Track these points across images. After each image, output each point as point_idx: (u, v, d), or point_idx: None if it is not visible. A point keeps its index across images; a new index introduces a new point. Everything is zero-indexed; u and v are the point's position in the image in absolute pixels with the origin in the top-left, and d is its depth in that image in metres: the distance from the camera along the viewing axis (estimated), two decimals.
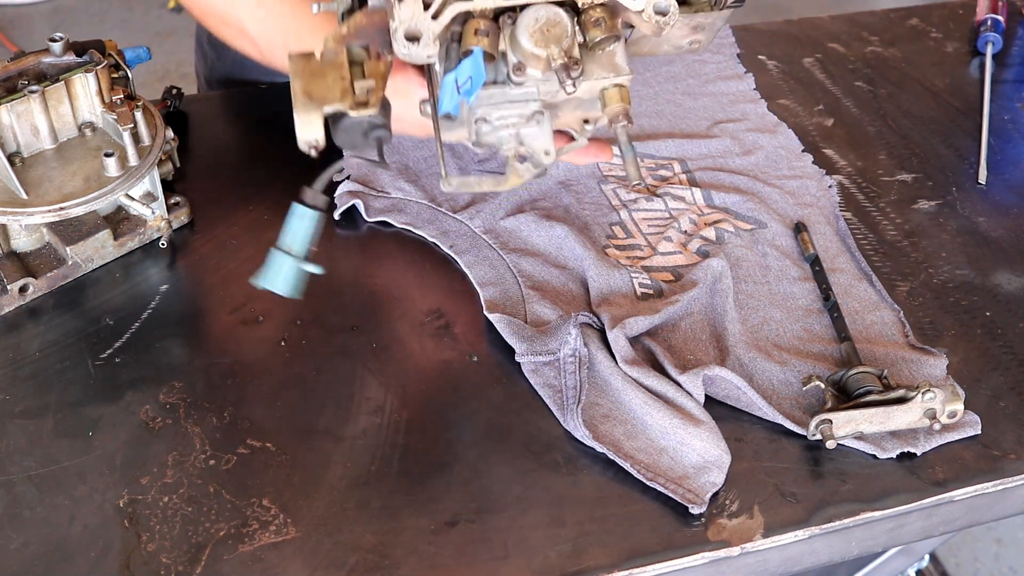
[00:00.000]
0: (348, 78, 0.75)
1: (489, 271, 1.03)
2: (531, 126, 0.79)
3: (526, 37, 0.74)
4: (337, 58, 0.76)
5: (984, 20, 1.38)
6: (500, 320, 0.97)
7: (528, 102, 0.78)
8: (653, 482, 0.86)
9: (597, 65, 0.78)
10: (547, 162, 0.80)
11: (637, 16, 0.77)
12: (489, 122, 0.78)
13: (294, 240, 0.75)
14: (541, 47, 0.74)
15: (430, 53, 0.75)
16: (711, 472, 0.86)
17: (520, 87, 0.77)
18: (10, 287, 0.99)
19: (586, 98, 0.79)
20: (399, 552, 0.82)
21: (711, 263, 1.02)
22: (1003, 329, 1.01)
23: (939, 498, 0.88)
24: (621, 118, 0.77)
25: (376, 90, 0.75)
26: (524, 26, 0.74)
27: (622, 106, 0.77)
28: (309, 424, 0.91)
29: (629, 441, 0.89)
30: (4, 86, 1.02)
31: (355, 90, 0.74)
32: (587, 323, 0.96)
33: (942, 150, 1.23)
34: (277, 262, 0.75)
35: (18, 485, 0.86)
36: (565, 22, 0.75)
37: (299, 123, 0.73)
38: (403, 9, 0.74)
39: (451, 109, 0.75)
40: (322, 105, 0.73)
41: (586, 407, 0.91)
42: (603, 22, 0.76)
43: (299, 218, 0.76)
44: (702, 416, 0.89)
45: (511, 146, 0.80)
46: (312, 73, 0.75)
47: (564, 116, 0.82)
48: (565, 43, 0.74)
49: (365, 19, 0.79)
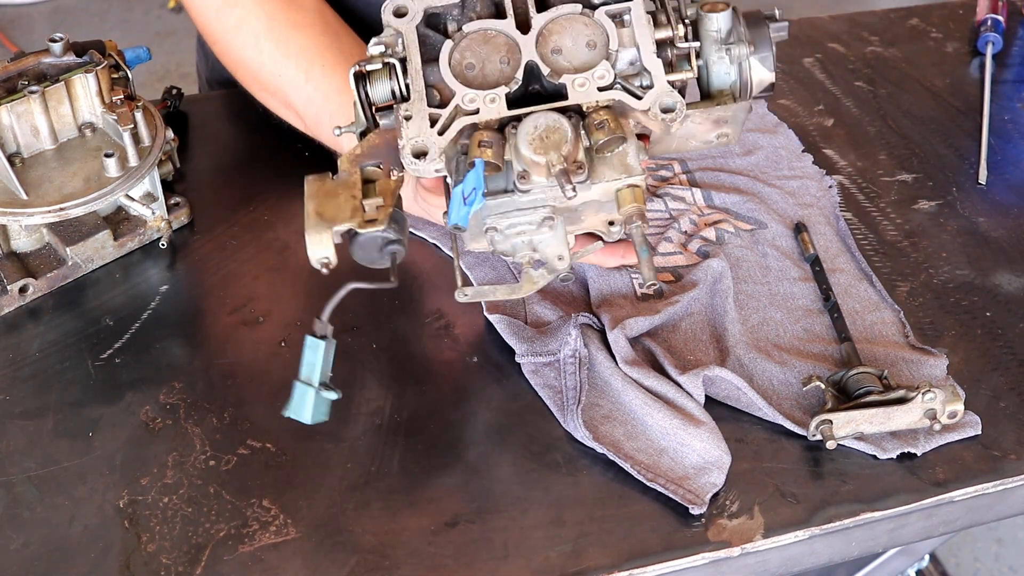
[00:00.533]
0: (359, 197, 0.77)
1: (489, 272, 1.03)
2: (543, 232, 0.79)
3: (525, 145, 0.75)
4: (350, 178, 0.78)
5: (984, 20, 1.38)
6: (500, 321, 0.97)
7: (536, 209, 0.78)
8: (653, 483, 0.86)
9: (608, 167, 0.77)
10: (560, 267, 0.80)
11: (644, 115, 0.78)
12: (500, 231, 0.79)
13: (311, 371, 0.78)
14: (540, 154, 0.74)
15: (437, 167, 0.76)
16: (711, 473, 0.86)
17: (527, 195, 0.77)
18: (10, 287, 0.99)
19: (604, 200, 0.79)
20: (399, 552, 0.82)
21: (711, 263, 1.02)
22: (1003, 329, 1.01)
23: (939, 498, 0.88)
24: (635, 218, 0.77)
25: (385, 207, 0.76)
26: (523, 134, 0.75)
27: (636, 207, 0.77)
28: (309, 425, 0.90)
29: (629, 442, 0.89)
30: (4, 86, 1.02)
31: (364, 208, 0.76)
32: (587, 324, 0.96)
33: (942, 150, 1.23)
34: (299, 393, 0.79)
35: (18, 485, 0.86)
36: (564, 128, 0.75)
37: (310, 242, 0.76)
38: (411, 127, 0.77)
39: (459, 221, 0.76)
40: (332, 224, 0.75)
41: (586, 408, 0.91)
42: (606, 124, 0.76)
43: (312, 349, 0.78)
44: (702, 417, 0.89)
45: (524, 253, 0.80)
46: (326, 194, 0.77)
47: (588, 219, 0.82)
48: (565, 149, 0.74)
49: (378, 139, 0.81)
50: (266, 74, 1.05)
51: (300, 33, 1.03)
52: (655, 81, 0.79)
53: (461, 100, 0.78)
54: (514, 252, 0.80)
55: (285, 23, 1.03)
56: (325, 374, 0.78)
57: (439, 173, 0.77)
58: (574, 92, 0.78)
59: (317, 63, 1.01)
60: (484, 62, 0.80)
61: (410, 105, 0.78)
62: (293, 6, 1.04)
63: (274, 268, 1.05)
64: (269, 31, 1.03)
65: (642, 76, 0.80)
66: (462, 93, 0.78)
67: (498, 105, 0.77)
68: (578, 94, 0.78)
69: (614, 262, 0.98)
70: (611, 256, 0.97)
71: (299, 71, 1.02)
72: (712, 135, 0.85)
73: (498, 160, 0.75)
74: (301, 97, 1.02)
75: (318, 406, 0.79)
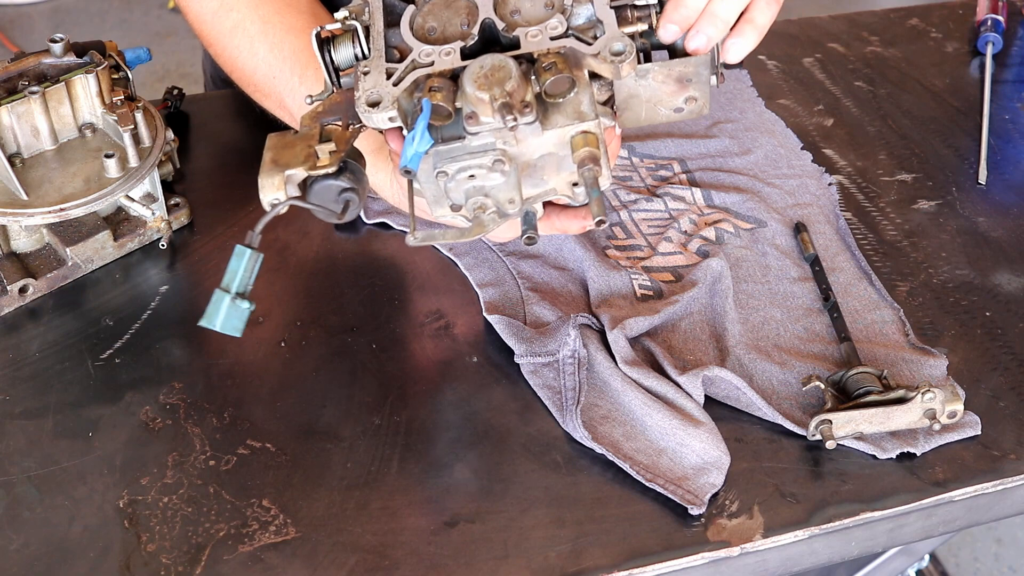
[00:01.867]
0: (315, 146, 0.78)
1: (489, 273, 1.03)
2: (495, 177, 0.79)
3: (470, 84, 0.75)
4: (310, 132, 0.80)
5: (984, 20, 1.38)
6: (499, 321, 0.97)
7: (487, 152, 0.78)
8: (652, 483, 0.86)
9: (560, 114, 0.78)
10: (511, 211, 0.80)
11: (595, 60, 0.78)
12: (450, 175, 0.79)
13: (232, 279, 0.77)
14: (484, 90, 0.75)
15: (391, 115, 0.77)
16: (710, 473, 0.86)
17: (476, 137, 0.78)
18: (10, 288, 0.99)
19: (561, 153, 0.79)
20: (399, 552, 0.82)
21: (711, 263, 1.02)
22: (1003, 329, 1.01)
23: (939, 498, 0.88)
24: (587, 162, 0.77)
25: (337, 152, 0.77)
26: (469, 73, 0.76)
27: (588, 151, 0.77)
28: (309, 425, 0.91)
29: (628, 442, 0.89)
30: (4, 87, 1.02)
31: (317, 154, 0.77)
32: (586, 324, 0.96)
33: (942, 150, 1.23)
34: (214, 300, 0.77)
35: (18, 486, 0.86)
36: (509, 66, 0.75)
37: (262, 185, 0.77)
38: (367, 80, 0.79)
39: (409, 163, 0.76)
40: (284, 169, 0.77)
41: (585, 408, 0.91)
42: (554, 66, 0.76)
43: (236, 257, 0.77)
44: (702, 417, 0.89)
45: (476, 199, 0.80)
46: (284, 145, 0.79)
47: (551, 180, 0.82)
48: (509, 85, 0.75)
49: (339, 97, 0.83)
50: (261, 77, 1.05)
51: (295, 36, 1.03)
52: (607, 29, 0.79)
53: (418, 55, 0.79)
54: (465, 200, 0.80)
55: (280, 26, 1.04)
56: (244, 284, 0.77)
57: (393, 123, 0.78)
58: (527, 42, 0.79)
59: (311, 66, 1.01)
60: (445, 25, 0.82)
61: (368, 62, 0.80)
62: (289, 9, 1.05)
63: (274, 268, 1.05)
64: (264, 34, 1.04)
65: (596, 29, 0.81)
66: (419, 48, 0.80)
67: (452, 57, 0.79)
68: (531, 44, 0.79)
69: (577, 227, 0.97)
70: (573, 220, 0.97)
71: (293, 74, 1.02)
72: (680, 99, 0.84)
73: (448, 104, 0.76)
74: (296, 99, 1.03)
75: (230, 315, 0.76)
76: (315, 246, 1.07)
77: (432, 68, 0.78)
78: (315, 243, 1.07)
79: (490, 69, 0.75)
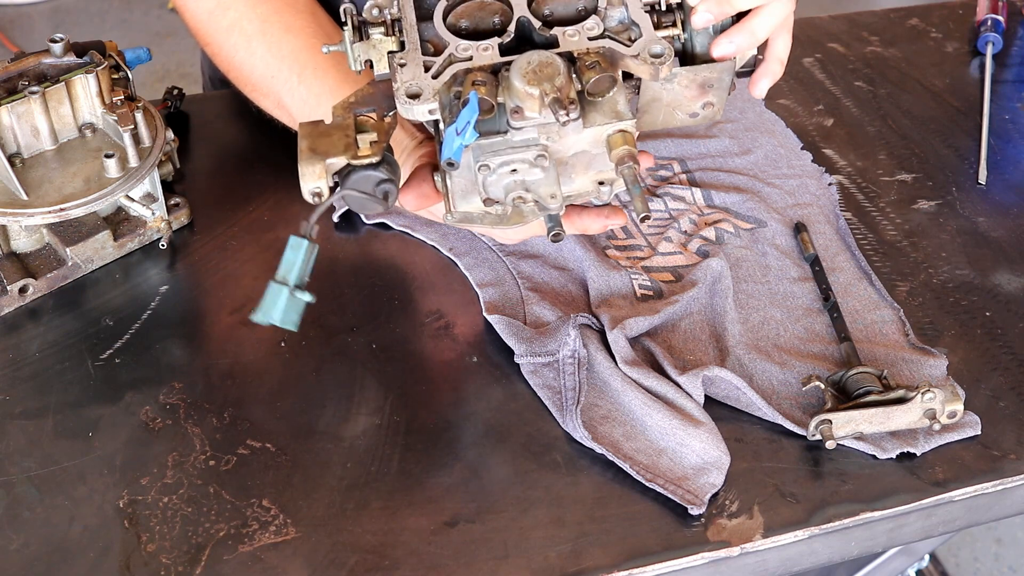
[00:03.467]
0: (353, 136, 0.78)
1: (489, 273, 1.03)
2: (535, 172, 0.79)
3: (519, 78, 0.76)
4: (344, 122, 0.79)
5: (984, 20, 1.38)
6: (499, 322, 0.97)
7: (529, 147, 0.78)
8: (652, 483, 0.86)
9: (599, 113, 0.78)
10: (552, 206, 0.80)
11: (633, 61, 0.79)
12: (491, 169, 0.79)
13: (289, 271, 0.77)
14: (534, 85, 0.75)
15: (431, 108, 0.77)
16: (710, 473, 0.86)
17: (520, 132, 0.78)
18: (10, 288, 0.99)
19: (595, 152, 0.80)
20: (399, 552, 0.82)
21: (711, 263, 1.02)
22: (1003, 329, 1.01)
23: (939, 498, 0.88)
24: (627, 159, 0.77)
25: (379, 142, 0.78)
26: (517, 69, 0.76)
27: (627, 149, 0.77)
28: (309, 425, 0.91)
29: (628, 442, 0.89)
30: (4, 87, 1.02)
31: (358, 143, 0.77)
32: (586, 324, 0.96)
33: (942, 150, 1.23)
34: (272, 294, 0.76)
35: (18, 486, 0.86)
36: (557, 63, 0.76)
37: (303, 174, 0.77)
38: (405, 73, 0.79)
39: (452, 155, 0.76)
40: (325, 158, 0.77)
41: (585, 408, 0.91)
42: (597, 64, 0.77)
43: (293, 249, 0.77)
44: (702, 417, 0.89)
45: (516, 193, 0.80)
46: (319, 134, 0.79)
47: (578, 179, 0.82)
48: (558, 81, 0.75)
49: (371, 88, 0.83)
50: (259, 76, 1.05)
51: (293, 36, 1.03)
52: (644, 32, 0.81)
53: (455, 49, 0.80)
54: (505, 194, 0.80)
55: (278, 26, 1.04)
56: (302, 277, 0.76)
57: (432, 116, 0.78)
58: (565, 41, 0.80)
59: (309, 66, 1.01)
60: (478, 23, 0.82)
61: (405, 54, 0.80)
62: (287, 8, 1.05)
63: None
64: (262, 33, 1.04)
65: (630, 31, 0.81)
66: (456, 43, 0.80)
67: (491, 53, 0.79)
68: (569, 43, 0.80)
69: (597, 226, 0.97)
70: (595, 220, 0.97)
71: (292, 73, 1.02)
72: (698, 104, 0.86)
73: (491, 97, 0.76)
74: (295, 99, 1.03)
75: (289, 308, 0.76)
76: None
77: (471, 63, 0.78)
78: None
79: (538, 65, 0.76)
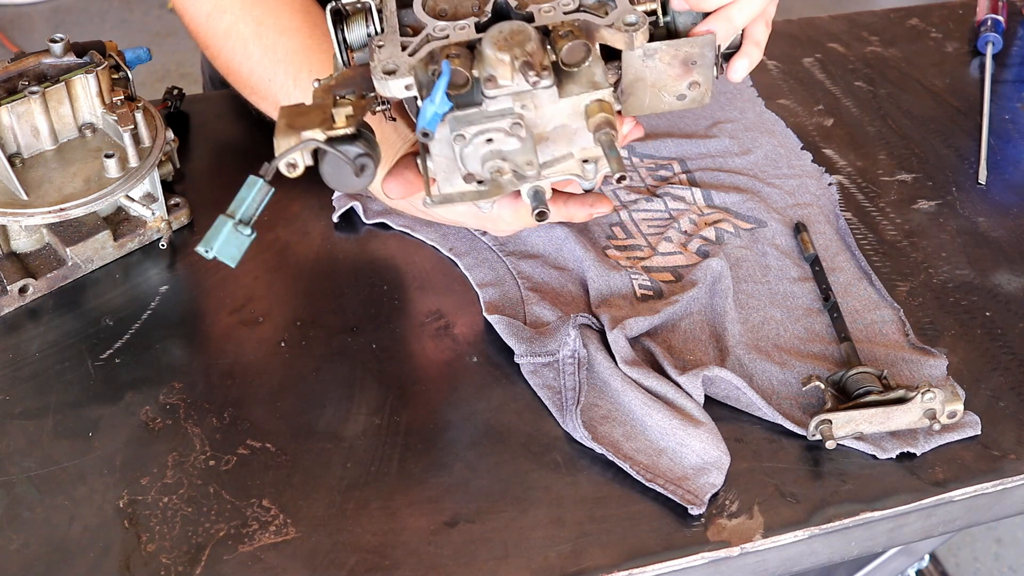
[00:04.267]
0: (329, 112, 0.78)
1: (489, 272, 1.03)
2: (512, 142, 0.80)
3: (490, 46, 0.76)
4: (323, 102, 0.80)
5: (984, 20, 1.38)
6: (499, 322, 0.97)
7: (505, 116, 0.79)
8: (652, 483, 0.86)
9: (575, 83, 0.79)
10: (530, 173, 0.81)
11: (608, 31, 0.79)
12: (467, 139, 0.79)
13: (238, 205, 0.77)
14: (504, 51, 0.76)
15: (407, 82, 0.78)
16: (710, 473, 0.86)
17: (495, 102, 0.78)
18: (10, 288, 0.99)
19: (574, 125, 0.80)
20: (399, 552, 0.82)
21: (711, 263, 1.02)
22: (1003, 329, 1.01)
23: (939, 498, 0.88)
24: (604, 126, 0.78)
25: (354, 116, 0.78)
26: (489, 37, 0.77)
27: (604, 116, 0.78)
28: (309, 425, 0.91)
29: (628, 442, 0.89)
30: (4, 87, 1.02)
31: (333, 118, 0.78)
32: (586, 324, 0.96)
33: (942, 150, 1.23)
34: (217, 223, 0.77)
35: (18, 486, 0.86)
36: (529, 30, 0.77)
37: (278, 146, 0.77)
38: (383, 53, 0.79)
39: (427, 125, 0.76)
40: (300, 131, 0.77)
41: (585, 408, 0.91)
42: (570, 34, 0.77)
43: (247, 187, 0.78)
44: (702, 417, 0.89)
45: (493, 163, 0.81)
46: (298, 113, 0.79)
47: (562, 160, 0.82)
48: (529, 46, 0.76)
49: (352, 72, 0.84)
50: (256, 79, 1.05)
51: (288, 38, 1.03)
52: (619, 3, 0.81)
53: (432, 29, 0.80)
54: (482, 164, 0.80)
55: (273, 28, 1.04)
56: (248, 214, 0.77)
57: (409, 91, 0.78)
58: (540, 16, 0.80)
59: (305, 68, 1.02)
60: (456, 7, 0.83)
61: (383, 37, 0.81)
62: (283, 9, 1.05)
63: (274, 268, 1.05)
64: (257, 36, 1.04)
65: (607, 7, 0.81)
66: (433, 24, 0.80)
67: (467, 31, 0.80)
68: (544, 17, 0.80)
69: (583, 214, 0.98)
70: (580, 208, 0.97)
71: (288, 76, 1.03)
72: (683, 84, 0.86)
73: (465, 69, 0.76)
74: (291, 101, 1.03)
75: (230, 241, 0.76)
76: (315, 246, 1.07)
77: (447, 41, 0.79)
78: (315, 243, 1.07)
79: (509, 32, 0.77)
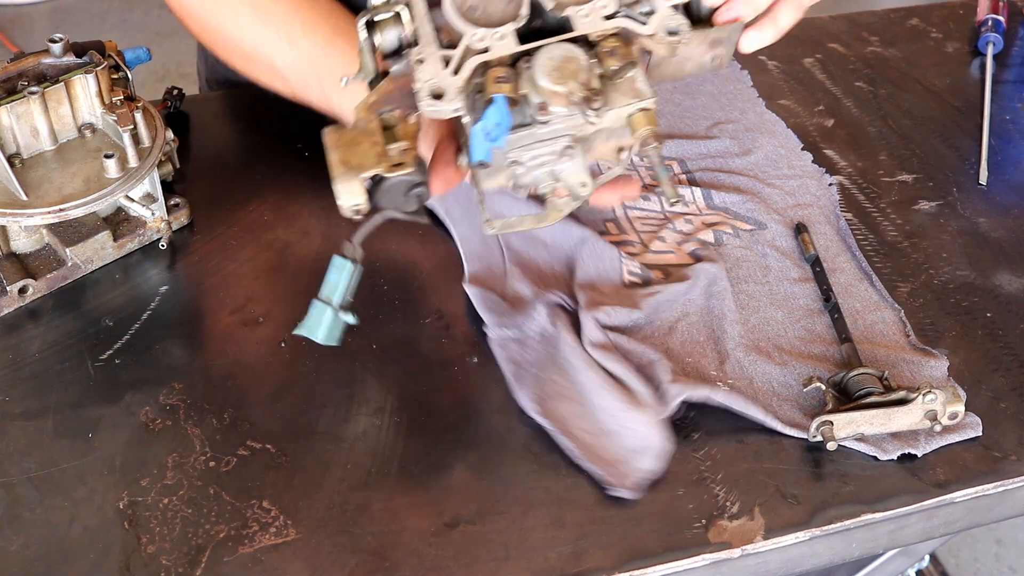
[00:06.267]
0: (382, 143, 0.78)
1: (479, 245, 1.03)
2: (564, 162, 0.80)
3: (543, 77, 0.76)
4: (369, 125, 0.79)
5: (985, 20, 1.38)
6: (476, 295, 0.97)
7: (557, 139, 0.79)
8: (586, 463, 0.86)
9: (619, 93, 0.79)
10: (584, 194, 0.82)
11: (650, 40, 0.79)
12: (522, 164, 0.80)
13: (333, 291, 0.79)
14: (560, 84, 0.76)
15: (456, 107, 0.77)
16: (645, 458, 0.86)
17: (546, 125, 0.78)
18: (10, 288, 0.98)
19: (616, 127, 0.80)
20: (399, 553, 0.82)
21: (704, 267, 1.02)
22: (1004, 330, 1.01)
23: (940, 500, 0.88)
24: (650, 140, 0.78)
25: (410, 150, 0.78)
26: (540, 67, 0.77)
27: (650, 129, 0.78)
28: (309, 425, 0.91)
29: (578, 421, 0.89)
30: (4, 87, 1.02)
31: (389, 153, 0.77)
32: (559, 304, 0.97)
33: (942, 150, 1.23)
34: (316, 312, 0.80)
35: (18, 486, 0.86)
36: (579, 57, 0.77)
37: (340, 191, 0.76)
38: (424, 70, 0.78)
39: (483, 157, 0.77)
40: (360, 172, 0.76)
41: (543, 383, 0.91)
42: (617, 51, 0.78)
43: (337, 270, 0.80)
44: (650, 401, 0.89)
45: (548, 184, 0.82)
46: (347, 143, 0.78)
47: (599, 148, 0.83)
48: (582, 76, 0.76)
49: (390, 85, 0.82)
50: (248, 45, 1.05)
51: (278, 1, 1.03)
52: (657, 6, 0.80)
53: (471, 40, 0.79)
54: (536, 184, 0.81)
55: None
56: (346, 297, 0.79)
57: (457, 113, 0.78)
58: (580, 22, 0.79)
59: (297, 26, 1.02)
60: (487, 3, 0.81)
61: (421, 48, 0.79)
62: None
63: (274, 268, 1.05)
64: (249, 3, 1.04)
65: (643, 3, 0.81)
66: (471, 32, 0.79)
67: (508, 42, 0.79)
68: (584, 24, 0.79)
69: (614, 198, 0.98)
70: (612, 192, 0.97)
71: (280, 37, 1.03)
72: (707, 57, 0.88)
73: (515, 94, 0.76)
74: (286, 62, 1.03)
75: (333, 326, 0.79)
76: (315, 246, 1.07)
77: (489, 55, 0.78)
78: (315, 243, 1.07)
79: (560, 62, 0.76)
